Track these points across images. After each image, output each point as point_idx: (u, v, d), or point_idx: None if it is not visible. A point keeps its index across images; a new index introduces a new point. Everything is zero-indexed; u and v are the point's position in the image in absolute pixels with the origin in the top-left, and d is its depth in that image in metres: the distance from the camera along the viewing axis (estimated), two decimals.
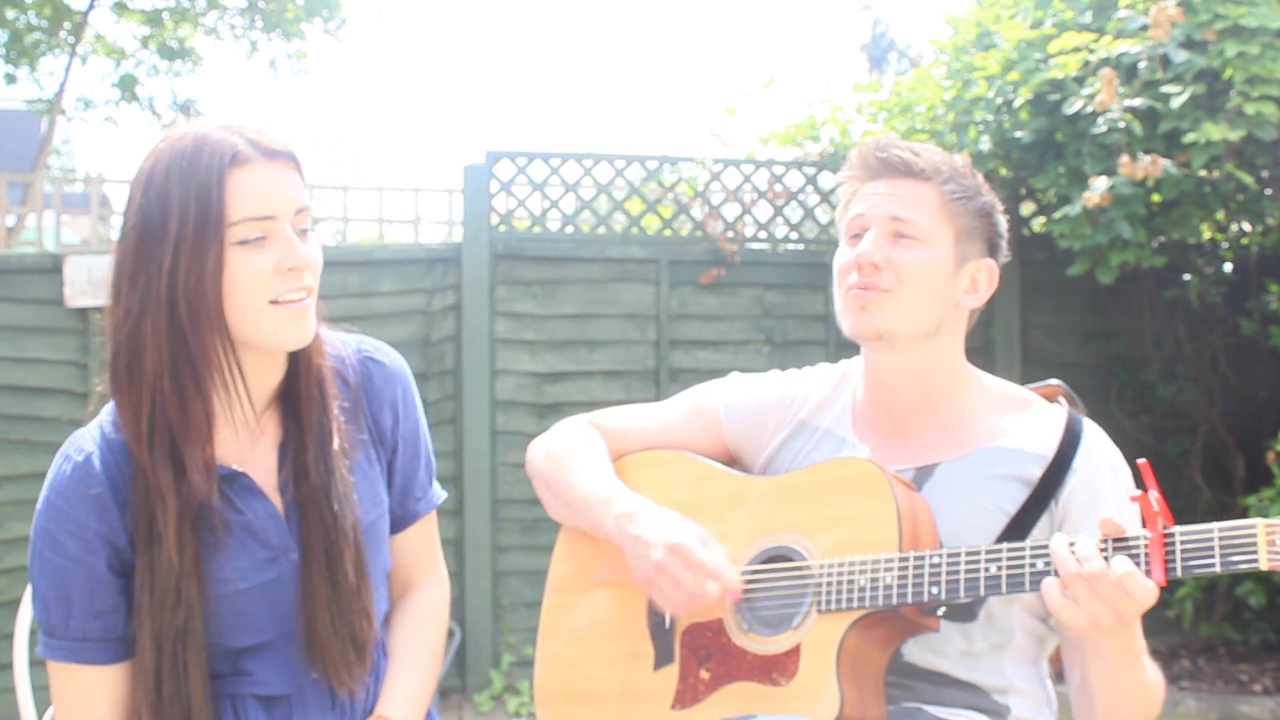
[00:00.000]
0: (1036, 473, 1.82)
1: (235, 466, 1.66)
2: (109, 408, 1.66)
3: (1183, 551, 1.56)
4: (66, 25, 11.72)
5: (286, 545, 1.67)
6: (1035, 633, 1.87)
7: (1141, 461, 1.65)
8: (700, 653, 1.86)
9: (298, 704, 1.70)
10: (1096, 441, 1.86)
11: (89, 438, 1.66)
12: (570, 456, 2.03)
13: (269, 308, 1.57)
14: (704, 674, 1.84)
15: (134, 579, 1.60)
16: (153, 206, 1.54)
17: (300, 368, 1.68)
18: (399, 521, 1.83)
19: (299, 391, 1.68)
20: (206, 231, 1.53)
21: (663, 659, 1.90)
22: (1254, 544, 1.51)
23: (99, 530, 1.60)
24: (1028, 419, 1.89)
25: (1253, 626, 5.70)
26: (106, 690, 1.64)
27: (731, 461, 2.05)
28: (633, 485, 2.02)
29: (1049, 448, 1.84)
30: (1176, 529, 1.57)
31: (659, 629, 1.93)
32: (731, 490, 1.94)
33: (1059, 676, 1.91)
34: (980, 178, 1.94)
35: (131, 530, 1.60)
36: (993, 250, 1.94)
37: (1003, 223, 1.95)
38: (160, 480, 1.58)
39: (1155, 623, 5.66)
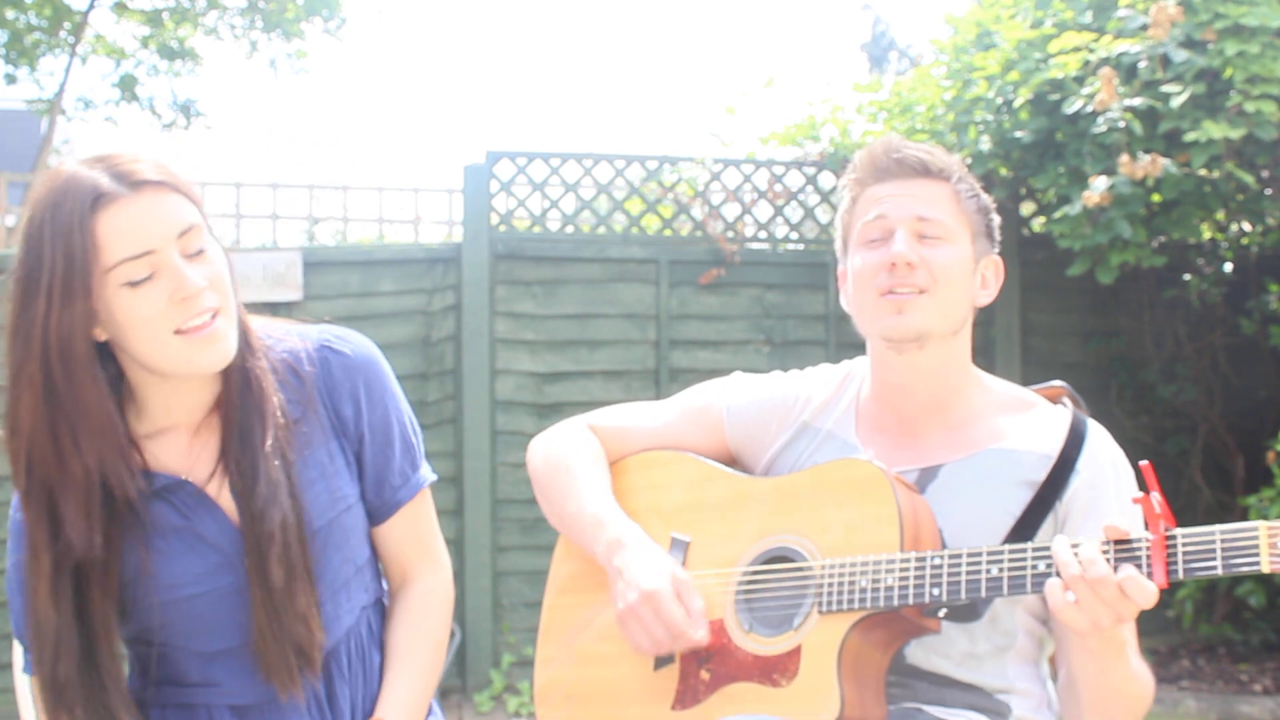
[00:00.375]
0: (1041, 475, 1.82)
1: (180, 474, 1.65)
2: None
3: (1184, 554, 1.56)
4: (66, 25, 11.71)
5: (241, 551, 1.64)
6: (1036, 635, 1.87)
7: (1144, 464, 1.65)
8: (701, 653, 1.85)
9: (271, 712, 1.69)
10: (1100, 442, 1.86)
11: None
12: (566, 470, 2.02)
13: (175, 338, 1.55)
14: (704, 674, 1.84)
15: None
16: (30, 255, 1.51)
17: (225, 370, 1.65)
18: (379, 512, 1.79)
19: (222, 396, 1.66)
20: (73, 283, 1.49)
21: (663, 659, 1.90)
22: (1256, 546, 1.52)
23: None
24: (1032, 420, 1.89)
25: (1253, 626, 5.69)
26: None
27: (732, 462, 2.04)
28: (633, 486, 2.02)
29: (1053, 449, 1.84)
30: (1178, 531, 1.57)
31: None
32: (733, 491, 1.94)
33: (1055, 676, 1.91)
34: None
35: None
36: (995, 246, 1.96)
37: (997, 219, 1.98)
38: (35, 536, 1.57)
39: (1155, 623, 5.66)
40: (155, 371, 1.59)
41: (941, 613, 1.78)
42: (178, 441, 1.67)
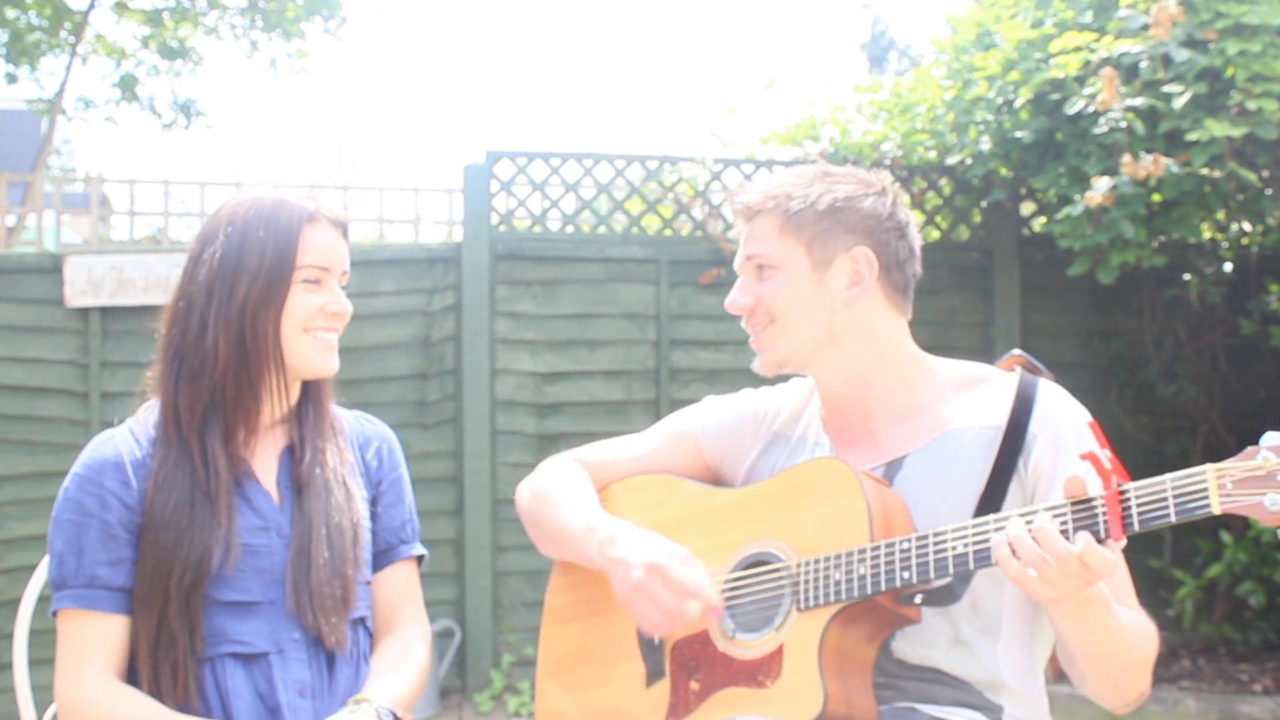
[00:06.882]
0: (995, 447, 1.84)
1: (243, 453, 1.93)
2: (138, 414, 1.94)
3: (1138, 505, 1.58)
4: (67, 25, 11.70)
5: (278, 522, 1.89)
6: (1027, 617, 1.87)
7: (1089, 420, 1.66)
8: (689, 665, 1.88)
9: (277, 661, 1.84)
10: (1053, 402, 1.87)
11: (115, 432, 1.92)
12: (554, 492, 2.09)
13: (304, 337, 1.92)
14: (694, 685, 1.87)
15: (142, 539, 1.83)
16: (232, 246, 1.89)
17: (314, 388, 2.00)
18: (383, 556, 2.02)
19: (318, 399, 2.00)
20: (282, 272, 1.89)
21: (654, 675, 1.93)
22: (1205, 490, 1.53)
23: (115, 491, 1.85)
24: (983, 395, 1.92)
25: (1253, 626, 5.69)
26: (103, 640, 1.82)
27: (715, 481, 2.09)
28: (618, 509, 2.06)
29: (1002, 419, 1.86)
30: (1130, 485, 1.59)
31: (649, 647, 1.96)
32: (712, 504, 1.98)
33: (1058, 678, 1.91)
34: (842, 173, 1.95)
35: (142, 499, 1.84)
36: (870, 234, 1.92)
37: (875, 204, 1.93)
38: (199, 459, 1.86)
39: (1155, 622, 5.64)
40: (285, 362, 1.92)
41: (918, 598, 1.79)
42: (251, 431, 1.93)
